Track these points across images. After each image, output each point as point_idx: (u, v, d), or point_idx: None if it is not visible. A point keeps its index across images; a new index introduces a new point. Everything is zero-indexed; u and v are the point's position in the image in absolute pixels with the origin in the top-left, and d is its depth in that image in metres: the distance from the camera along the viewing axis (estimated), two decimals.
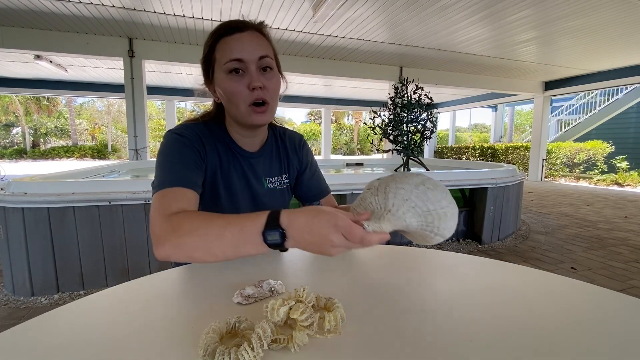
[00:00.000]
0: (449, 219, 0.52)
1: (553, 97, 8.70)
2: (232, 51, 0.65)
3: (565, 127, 12.13)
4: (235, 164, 0.77)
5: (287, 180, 0.86)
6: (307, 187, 0.88)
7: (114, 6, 3.90)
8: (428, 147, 13.20)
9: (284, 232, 0.46)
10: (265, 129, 0.82)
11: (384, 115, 4.15)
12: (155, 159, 0.70)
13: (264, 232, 0.46)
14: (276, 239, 0.46)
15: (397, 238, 2.55)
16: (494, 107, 14.20)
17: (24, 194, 2.00)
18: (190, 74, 7.71)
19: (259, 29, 0.69)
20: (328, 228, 0.44)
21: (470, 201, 3.44)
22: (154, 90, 8.97)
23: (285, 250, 0.49)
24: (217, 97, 0.73)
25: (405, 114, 3.92)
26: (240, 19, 0.69)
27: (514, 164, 10.22)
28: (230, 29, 0.66)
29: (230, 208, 0.77)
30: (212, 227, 0.50)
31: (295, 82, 8.43)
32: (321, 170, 0.94)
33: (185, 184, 0.62)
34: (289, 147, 0.86)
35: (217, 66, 0.68)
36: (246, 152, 0.78)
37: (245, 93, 0.66)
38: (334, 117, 27.36)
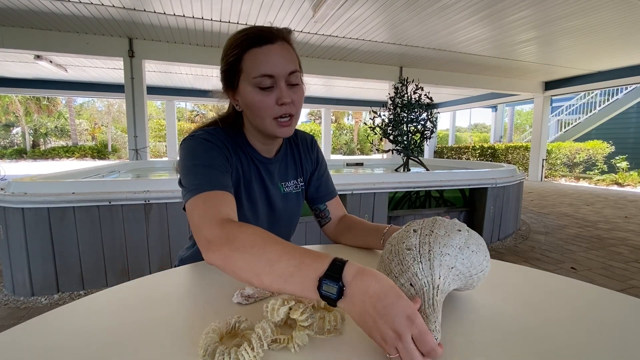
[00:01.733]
0: (485, 276, 0.53)
1: (553, 97, 8.70)
2: (263, 65, 0.63)
3: (565, 127, 12.14)
4: (255, 171, 0.77)
5: (302, 184, 0.86)
6: (315, 187, 0.89)
7: (114, 6, 3.90)
8: (428, 147, 13.20)
9: (343, 289, 0.40)
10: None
11: (384, 115, 4.14)
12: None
13: (322, 279, 0.41)
14: (332, 292, 0.40)
15: None
16: (494, 107, 14.20)
17: (24, 194, 2.00)
18: (190, 74, 7.71)
19: (287, 39, 0.68)
20: (402, 316, 0.36)
21: (470, 201, 3.45)
22: (154, 90, 8.97)
23: (334, 306, 0.41)
24: (237, 104, 0.71)
25: (405, 114, 3.91)
26: (267, 26, 0.67)
27: (514, 164, 10.22)
28: (260, 39, 0.64)
29: (251, 215, 0.77)
30: (269, 250, 0.46)
31: None
32: None
33: (223, 187, 0.60)
34: (301, 149, 0.87)
35: (244, 77, 0.66)
36: (264, 159, 0.78)
37: (273, 108, 0.66)
38: (334, 117, 27.35)
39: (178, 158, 0.68)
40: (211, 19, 4.35)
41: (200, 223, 0.53)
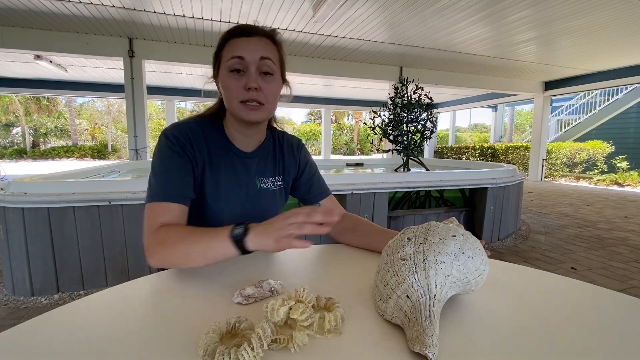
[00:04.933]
0: (483, 280, 0.52)
1: (553, 97, 8.70)
2: (235, 50, 0.69)
3: (565, 127, 12.14)
4: (226, 162, 0.78)
5: (280, 183, 0.86)
6: (306, 188, 0.90)
7: (114, 6, 3.90)
8: (428, 147, 13.20)
9: (248, 228, 0.56)
10: (264, 130, 0.83)
11: (384, 115, 4.14)
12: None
13: (233, 228, 0.57)
14: (239, 231, 0.56)
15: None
16: (494, 107, 14.20)
17: (24, 194, 2.00)
18: (190, 74, 7.72)
19: (268, 35, 0.73)
20: (280, 216, 0.55)
21: (470, 201, 3.45)
22: (154, 90, 8.97)
23: (247, 251, 0.57)
24: (220, 92, 0.76)
25: (405, 114, 3.91)
26: (254, 24, 0.72)
27: (514, 164, 10.22)
28: (240, 32, 0.70)
29: (216, 206, 0.77)
30: (188, 237, 0.59)
31: (295, 82, 8.38)
32: (321, 170, 0.95)
33: (172, 198, 0.68)
34: (286, 150, 0.87)
35: (222, 63, 0.72)
36: (240, 152, 0.79)
37: (240, 91, 0.69)
38: (334, 117, 27.35)
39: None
40: (211, 19, 4.35)
41: (144, 232, 0.65)
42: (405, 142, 3.91)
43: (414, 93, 3.94)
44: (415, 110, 3.91)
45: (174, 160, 0.71)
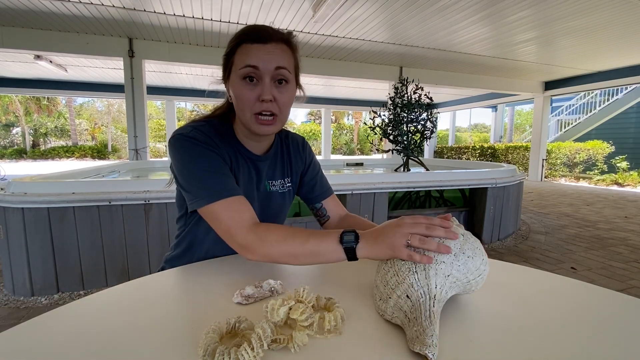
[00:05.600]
0: (484, 280, 0.52)
1: (553, 97, 8.70)
2: (249, 58, 0.65)
3: (565, 127, 12.14)
4: (242, 165, 0.77)
5: (289, 184, 0.86)
6: (309, 187, 0.89)
7: (114, 6, 3.90)
8: (428, 147, 13.20)
9: (358, 237, 0.55)
10: (273, 134, 0.82)
11: (384, 115, 4.14)
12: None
13: (342, 235, 0.55)
14: (351, 240, 0.55)
15: None
16: (494, 107, 14.20)
17: (24, 194, 2.00)
18: (190, 74, 7.71)
19: (284, 40, 0.69)
20: (410, 217, 0.53)
21: (470, 201, 3.45)
22: (154, 90, 8.97)
23: (356, 258, 0.55)
24: (230, 96, 0.74)
25: (405, 114, 3.91)
26: (268, 26, 0.68)
27: (514, 164, 10.22)
28: (254, 37, 0.66)
29: None
30: (296, 238, 0.58)
31: None
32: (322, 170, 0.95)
33: (235, 191, 0.65)
34: (292, 150, 0.87)
35: (234, 69, 0.68)
36: (253, 155, 0.78)
37: (253, 102, 0.66)
38: (334, 117, 27.34)
39: (171, 157, 0.69)
40: (211, 19, 4.35)
41: (231, 230, 0.61)
42: (405, 142, 3.91)
43: (414, 93, 3.94)
44: (415, 110, 3.91)
45: (212, 158, 0.66)
